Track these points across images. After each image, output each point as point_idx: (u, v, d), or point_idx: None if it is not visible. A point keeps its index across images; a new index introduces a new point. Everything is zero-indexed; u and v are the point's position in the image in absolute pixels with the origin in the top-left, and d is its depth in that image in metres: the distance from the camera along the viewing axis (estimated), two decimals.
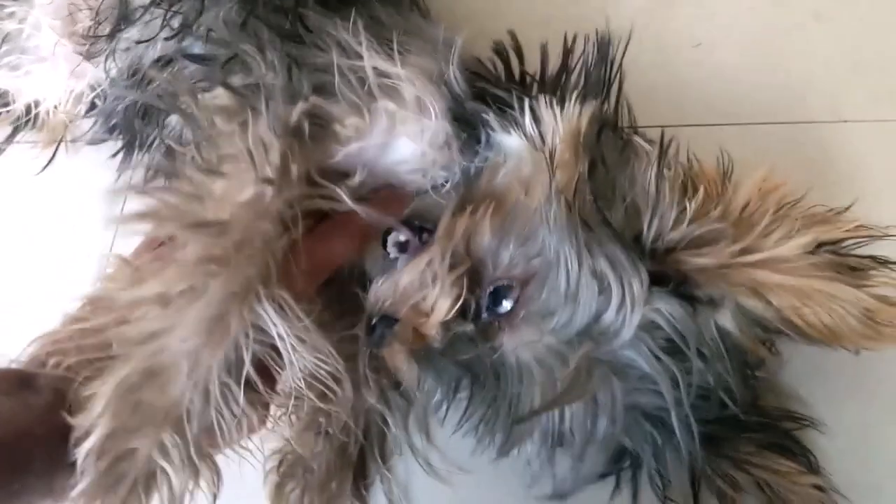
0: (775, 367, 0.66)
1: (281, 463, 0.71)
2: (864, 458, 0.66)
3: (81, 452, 0.47)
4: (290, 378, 0.56)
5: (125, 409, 0.48)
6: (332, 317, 0.71)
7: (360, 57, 0.61)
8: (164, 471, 0.49)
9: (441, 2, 0.85)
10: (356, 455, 0.72)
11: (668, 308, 0.55)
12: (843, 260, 0.54)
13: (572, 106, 0.61)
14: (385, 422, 0.73)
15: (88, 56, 0.86)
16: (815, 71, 0.83)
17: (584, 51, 0.66)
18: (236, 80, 0.63)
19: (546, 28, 0.67)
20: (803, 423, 0.65)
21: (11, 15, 0.88)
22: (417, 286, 0.60)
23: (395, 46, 0.62)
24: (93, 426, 0.47)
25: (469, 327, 0.59)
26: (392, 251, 0.66)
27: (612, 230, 0.55)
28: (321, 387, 0.57)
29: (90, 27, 0.83)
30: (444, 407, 0.67)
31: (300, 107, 0.58)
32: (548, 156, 0.59)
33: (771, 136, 0.79)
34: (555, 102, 0.61)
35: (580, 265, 0.55)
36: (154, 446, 0.49)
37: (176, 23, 0.75)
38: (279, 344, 0.54)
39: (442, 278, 0.59)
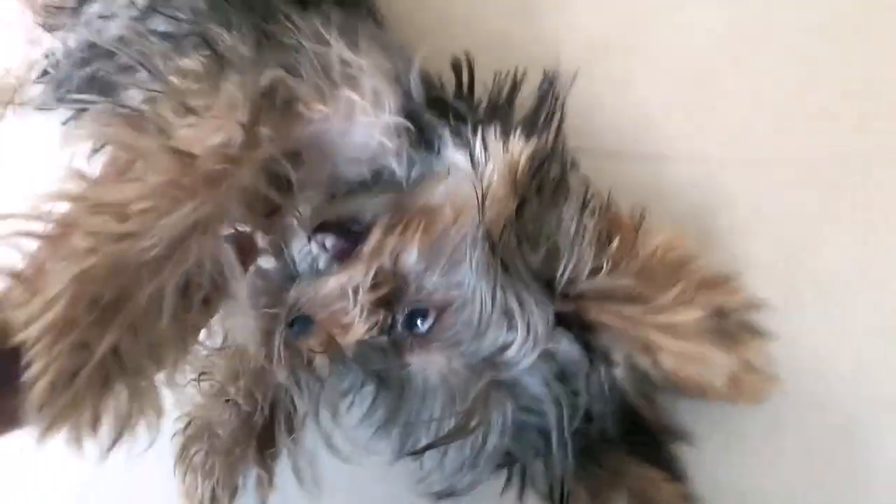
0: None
1: (188, 426, 0.75)
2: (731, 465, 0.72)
3: (34, 337, 0.46)
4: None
5: (83, 298, 0.48)
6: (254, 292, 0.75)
7: (328, 44, 0.64)
8: (115, 378, 0.50)
9: (398, 17, 0.88)
10: (261, 425, 0.76)
11: (566, 349, 0.60)
12: (723, 326, 0.60)
13: (516, 140, 0.64)
14: (292, 398, 0.76)
15: (48, 28, 0.88)
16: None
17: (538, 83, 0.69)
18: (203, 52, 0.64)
19: (501, 50, 0.73)
20: (673, 433, 0.67)
21: None
22: (338, 296, 0.63)
23: (359, 41, 0.65)
24: (49, 307, 0.47)
25: (382, 340, 0.63)
26: (315, 248, 0.68)
27: (529, 273, 0.60)
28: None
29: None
30: (351, 396, 0.71)
31: (270, 73, 0.60)
32: (481, 192, 0.62)
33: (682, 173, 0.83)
34: (499, 133, 0.64)
35: (493, 303, 0.59)
36: (108, 346, 0.48)
37: (142, 2, 0.77)
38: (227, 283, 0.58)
39: (363, 300, 0.62)
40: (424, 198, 0.67)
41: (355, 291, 0.62)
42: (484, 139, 0.64)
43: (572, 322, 0.61)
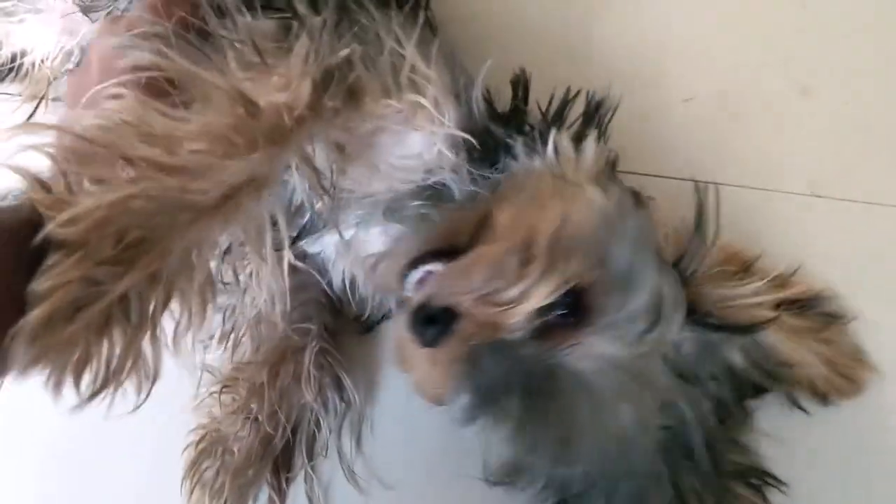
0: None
1: (202, 438, 0.71)
2: None
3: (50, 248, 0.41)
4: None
5: (112, 229, 0.43)
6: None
7: (404, 47, 0.62)
8: (116, 325, 0.44)
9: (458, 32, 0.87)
10: (280, 448, 0.72)
11: (692, 332, 0.60)
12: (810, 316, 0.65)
13: (591, 143, 0.65)
14: (318, 421, 0.73)
15: (86, 10, 0.86)
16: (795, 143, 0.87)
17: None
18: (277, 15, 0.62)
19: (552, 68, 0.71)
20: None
21: None
22: (488, 279, 0.57)
23: (431, 52, 0.63)
24: (71, 225, 0.41)
25: (537, 324, 0.57)
26: (411, 288, 0.62)
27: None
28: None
29: None
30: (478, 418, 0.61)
31: (345, 50, 0.58)
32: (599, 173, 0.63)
33: (740, 199, 0.81)
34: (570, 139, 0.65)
35: (650, 280, 0.58)
36: (122, 289, 0.43)
37: None
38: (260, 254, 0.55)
39: (541, 266, 0.56)
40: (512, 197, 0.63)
41: (510, 268, 0.57)
42: (556, 144, 0.64)
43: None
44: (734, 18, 0.95)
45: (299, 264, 0.67)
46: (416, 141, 0.64)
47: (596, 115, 0.68)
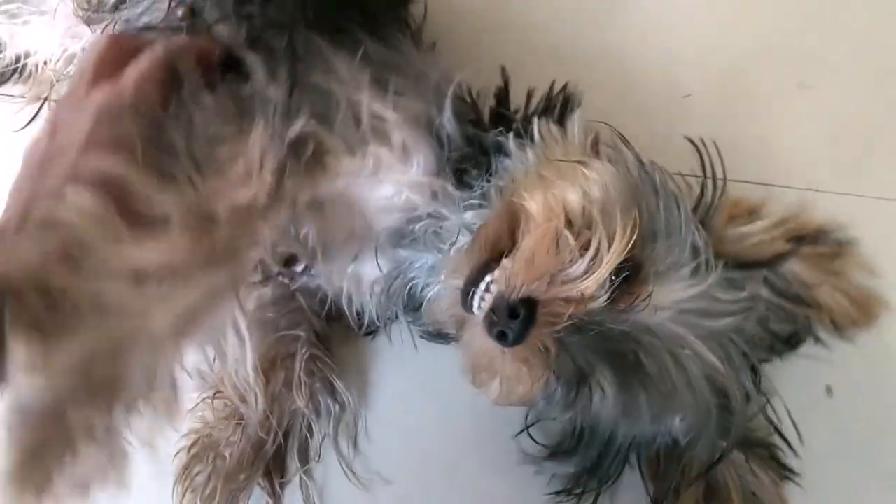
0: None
1: (194, 444, 0.71)
2: None
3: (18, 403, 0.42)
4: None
5: (74, 375, 0.43)
6: (276, 314, 0.73)
7: (360, 94, 0.62)
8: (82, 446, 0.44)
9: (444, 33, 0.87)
10: (272, 453, 0.73)
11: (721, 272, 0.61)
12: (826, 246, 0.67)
13: (575, 122, 0.68)
14: (310, 426, 0.74)
15: (88, 21, 0.87)
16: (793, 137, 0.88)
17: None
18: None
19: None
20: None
21: None
22: (553, 259, 0.57)
23: (390, 88, 0.63)
24: (37, 379, 0.42)
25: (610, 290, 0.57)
26: (478, 305, 0.60)
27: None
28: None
29: None
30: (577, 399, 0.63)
31: (299, 124, 0.58)
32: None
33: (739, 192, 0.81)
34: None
35: (683, 223, 0.60)
36: (85, 419, 0.44)
37: (180, 12, 0.74)
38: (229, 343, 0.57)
39: (598, 232, 0.57)
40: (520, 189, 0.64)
41: (569, 245, 0.56)
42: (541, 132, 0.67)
43: None
44: (733, 14, 0.95)
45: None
46: (387, 189, 0.64)
47: (571, 100, 0.70)
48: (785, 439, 0.68)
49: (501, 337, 0.56)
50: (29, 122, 0.93)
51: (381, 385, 0.79)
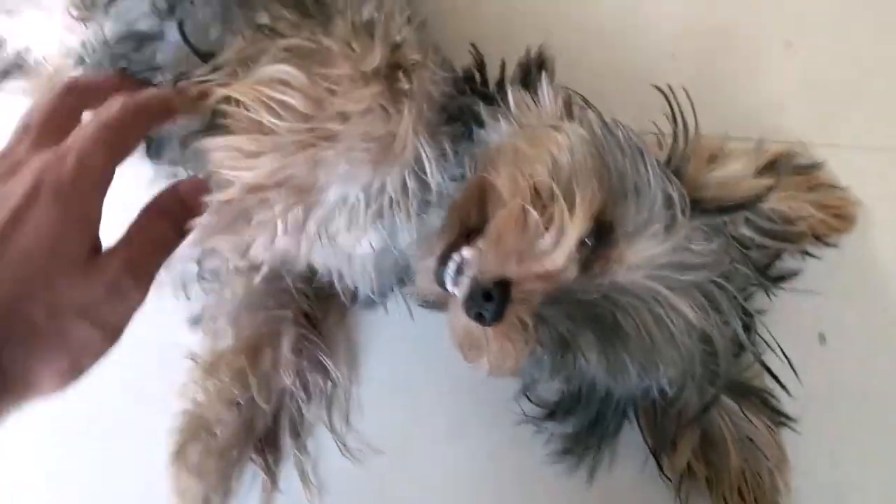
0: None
1: (187, 423, 0.74)
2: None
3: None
4: None
5: (284, 172, 0.55)
6: (263, 295, 0.74)
7: None
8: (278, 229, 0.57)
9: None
10: (264, 430, 0.75)
11: (699, 220, 0.63)
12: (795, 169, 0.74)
13: (545, 87, 0.69)
14: (299, 403, 0.76)
15: (83, 18, 0.89)
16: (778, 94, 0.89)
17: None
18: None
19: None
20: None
21: None
22: (521, 237, 0.59)
23: None
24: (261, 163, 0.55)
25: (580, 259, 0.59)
26: (451, 283, 0.62)
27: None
28: None
29: None
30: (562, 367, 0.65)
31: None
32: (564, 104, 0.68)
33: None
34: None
35: (653, 180, 0.60)
36: (285, 206, 0.56)
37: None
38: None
39: (560, 204, 0.58)
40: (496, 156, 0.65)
41: (534, 219, 0.58)
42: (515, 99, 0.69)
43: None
44: None
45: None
46: None
47: (541, 63, 0.72)
48: (781, 384, 0.70)
49: (479, 318, 0.58)
50: None
51: (374, 357, 0.81)
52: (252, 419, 0.74)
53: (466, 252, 0.60)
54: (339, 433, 0.77)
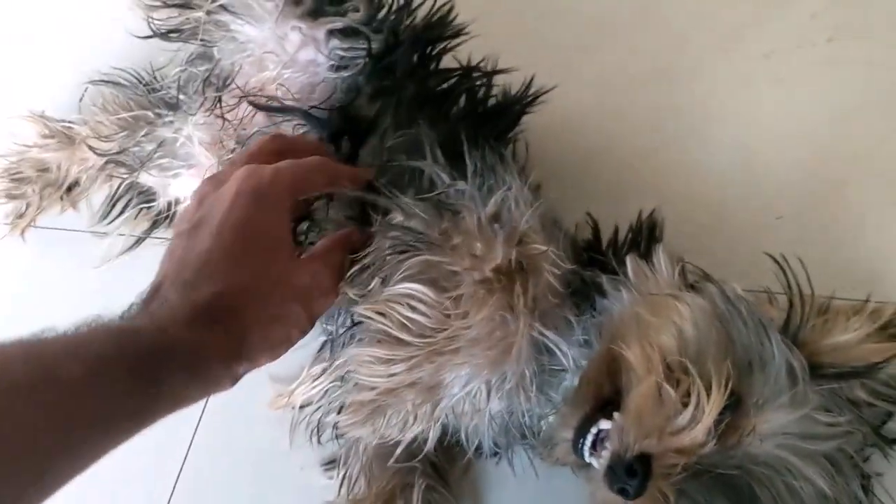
0: None
1: None
2: None
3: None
4: None
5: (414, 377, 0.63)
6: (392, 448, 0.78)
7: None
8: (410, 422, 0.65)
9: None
10: None
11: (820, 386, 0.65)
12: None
13: (661, 255, 0.73)
14: None
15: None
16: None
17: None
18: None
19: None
20: None
21: (170, 124, 1.00)
22: (659, 414, 0.61)
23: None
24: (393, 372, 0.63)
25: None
26: (589, 454, 0.66)
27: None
28: None
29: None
30: None
31: (499, 195, 0.71)
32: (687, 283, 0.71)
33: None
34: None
35: (777, 350, 0.63)
36: (415, 404, 0.64)
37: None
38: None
39: (696, 381, 0.61)
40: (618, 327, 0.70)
41: (668, 393, 0.62)
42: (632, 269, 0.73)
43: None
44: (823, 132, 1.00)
45: None
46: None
47: (651, 228, 0.78)
48: None
49: (622, 492, 0.61)
50: None
51: None
52: None
53: (605, 425, 0.65)
54: None
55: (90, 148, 1.07)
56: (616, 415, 0.64)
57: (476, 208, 0.70)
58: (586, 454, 0.66)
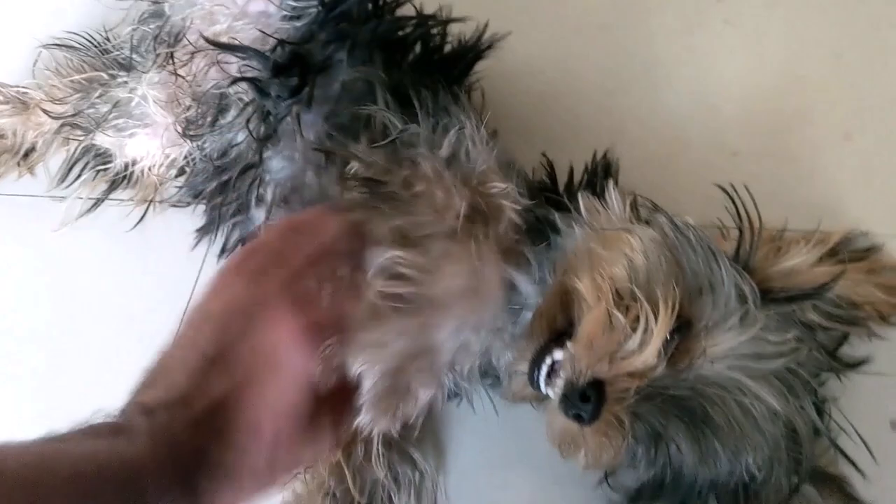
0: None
1: None
2: None
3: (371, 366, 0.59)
4: None
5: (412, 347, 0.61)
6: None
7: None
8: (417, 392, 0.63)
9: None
10: None
11: (771, 310, 0.66)
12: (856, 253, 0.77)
13: (612, 192, 0.74)
14: (390, 495, 0.79)
15: (186, 135, 0.97)
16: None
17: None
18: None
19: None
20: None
21: (124, 84, 0.99)
22: (610, 340, 0.63)
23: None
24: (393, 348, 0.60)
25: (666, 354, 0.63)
26: (545, 384, 0.68)
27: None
28: None
29: (192, 114, 0.94)
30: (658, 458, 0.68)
31: (452, 135, 0.70)
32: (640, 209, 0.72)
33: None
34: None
35: (726, 274, 0.65)
36: (418, 372, 0.62)
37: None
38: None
39: (645, 306, 0.62)
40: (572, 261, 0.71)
41: (618, 319, 0.63)
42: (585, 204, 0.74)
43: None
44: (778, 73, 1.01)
45: None
46: None
47: (607, 167, 0.79)
48: (858, 468, 0.72)
49: (577, 418, 0.63)
50: (137, 223, 1.05)
51: (459, 449, 0.85)
52: None
53: (558, 354, 0.65)
54: None
55: (45, 112, 1.05)
56: (568, 344, 0.65)
57: (431, 152, 0.70)
58: (542, 385, 0.67)
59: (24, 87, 1.09)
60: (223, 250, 0.93)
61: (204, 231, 0.97)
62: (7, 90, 1.09)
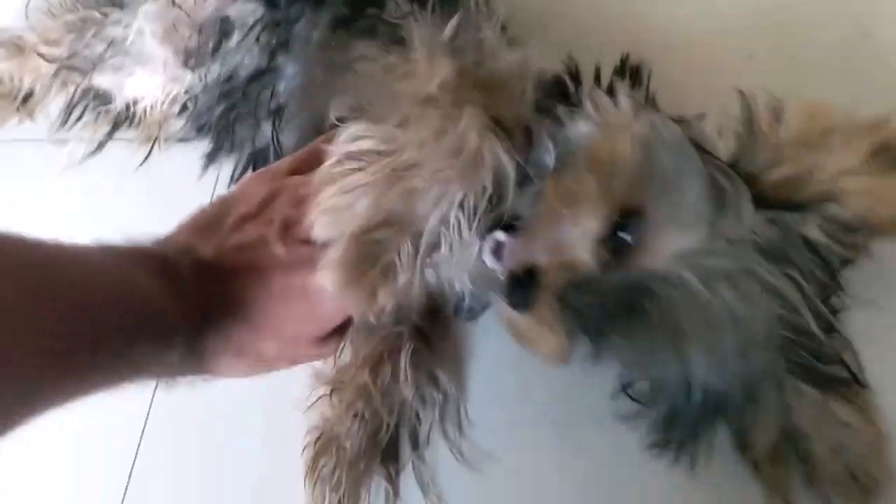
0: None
1: (318, 438, 0.78)
2: None
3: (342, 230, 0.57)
4: None
5: (380, 211, 0.58)
6: None
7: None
8: (396, 268, 0.59)
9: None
10: (386, 441, 0.78)
11: (767, 216, 0.62)
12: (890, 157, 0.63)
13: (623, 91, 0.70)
14: (418, 415, 0.80)
15: (187, 65, 0.95)
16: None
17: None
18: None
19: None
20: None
21: (117, 22, 0.98)
22: (551, 230, 0.63)
23: None
24: (356, 210, 0.58)
25: (608, 250, 0.62)
26: (490, 260, 0.67)
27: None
28: None
29: (192, 44, 0.92)
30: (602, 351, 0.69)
31: (455, 19, 0.68)
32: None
33: None
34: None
35: (697, 172, 0.62)
36: (395, 244, 0.58)
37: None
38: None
39: (589, 201, 0.62)
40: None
41: (565, 216, 0.62)
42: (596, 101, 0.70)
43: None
44: None
45: None
46: None
47: (628, 71, 0.74)
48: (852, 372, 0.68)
49: (514, 305, 0.64)
50: (143, 161, 1.03)
51: (480, 369, 0.84)
52: (376, 432, 0.78)
53: (500, 236, 0.66)
54: (454, 442, 0.79)
55: (40, 55, 1.04)
56: (510, 233, 0.65)
57: (430, 34, 0.68)
58: (486, 259, 0.67)
59: (17, 31, 1.07)
60: (234, 174, 0.92)
61: (211, 157, 0.96)
62: (1, 34, 1.07)
